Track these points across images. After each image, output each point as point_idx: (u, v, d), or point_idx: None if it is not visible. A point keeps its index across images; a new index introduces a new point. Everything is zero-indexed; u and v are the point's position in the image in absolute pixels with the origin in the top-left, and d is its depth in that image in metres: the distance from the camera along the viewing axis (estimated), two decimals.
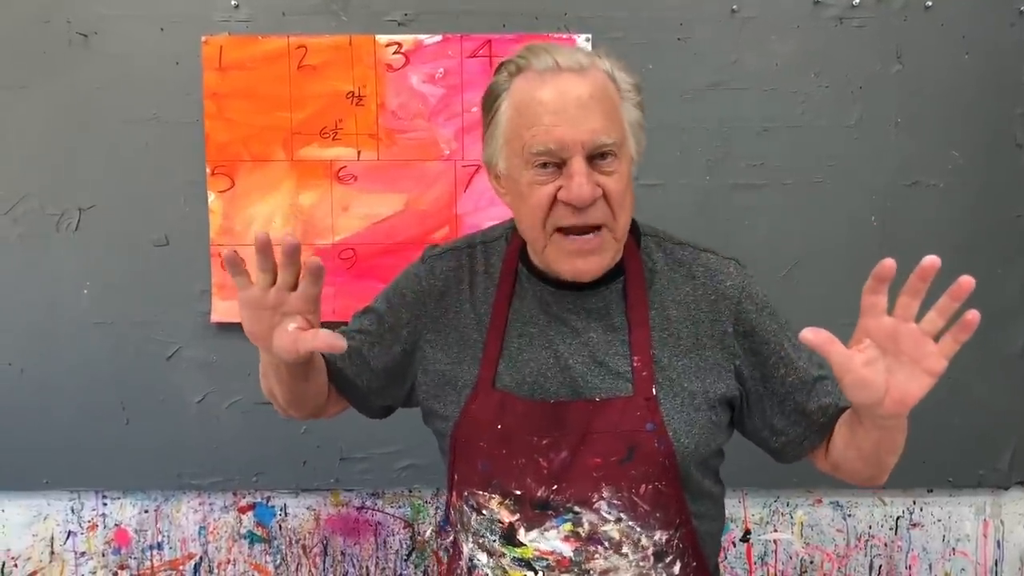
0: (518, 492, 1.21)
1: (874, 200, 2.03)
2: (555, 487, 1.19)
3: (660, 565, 1.21)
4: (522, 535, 1.21)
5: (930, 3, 1.99)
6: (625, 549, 1.19)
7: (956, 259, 2.00)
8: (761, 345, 1.25)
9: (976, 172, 2.03)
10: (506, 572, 1.22)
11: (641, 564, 1.20)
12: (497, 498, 1.22)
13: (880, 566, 2.14)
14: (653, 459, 1.18)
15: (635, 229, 1.28)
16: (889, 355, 1.04)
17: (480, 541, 1.24)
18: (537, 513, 1.20)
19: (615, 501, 1.19)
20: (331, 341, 1.09)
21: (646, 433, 1.18)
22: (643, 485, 1.19)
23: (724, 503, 1.34)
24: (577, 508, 1.19)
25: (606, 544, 1.19)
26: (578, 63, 1.16)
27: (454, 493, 1.28)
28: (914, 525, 2.14)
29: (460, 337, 1.29)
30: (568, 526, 1.19)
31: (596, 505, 1.19)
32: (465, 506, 1.26)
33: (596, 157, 1.14)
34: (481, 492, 1.23)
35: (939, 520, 2.14)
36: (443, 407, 1.28)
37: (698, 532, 1.24)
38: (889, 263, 1.01)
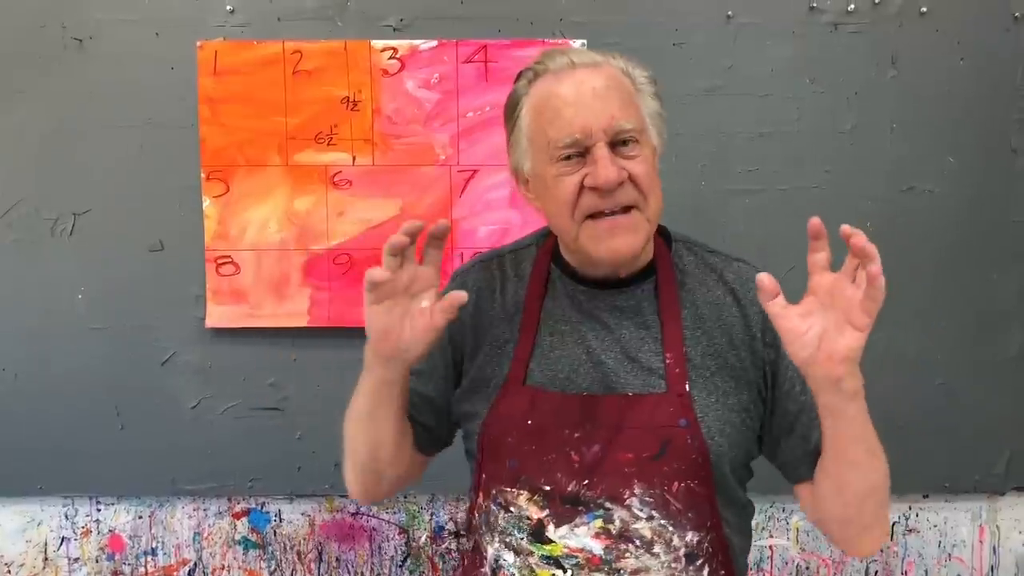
0: (547, 488, 1.20)
1: (870, 205, 2.03)
2: (586, 482, 1.18)
3: (691, 568, 1.20)
4: (551, 532, 1.19)
5: (925, 9, 2.00)
6: (657, 549, 1.18)
7: (952, 264, 2.02)
8: (781, 359, 1.24)
9: (971, 177, 2.03)
10: (534, 571, 1.20)
11: (673, 566, 1.19)
12: (526, 494, 1.21)
13: (876, 572, 2.14)
14: (686, 456, 1.18)
15: (666, 234, 1.31)
16: (828, 311, 1.08)
17: (507, 540, 1.23)
18: (567, 508, 1.19)
19: (647, 498, 1.18)
20: (455, 299, 1.14)
21: (679, 429, 1.18)
22: (675, 483, 1.18)
23: (751, 526, 1.34)
24: (608, 504, 1.18)
25: (637, 543, 1.18)
26: (592, 60, 1.21)
27: (481, 494, 1.27)
28: (910, 531, 2.14)
29: (492, 340, 1.29)
30: (599, 523, 1.19)
31: (628, 502, 1.18)
32: (492, 504, 1.25)
33: (618, 144, 1.17)
34: (509, 489, 1.22)
35: (935, 526, 2.14)
36: (472, 406, 1.28)
37: (729, 541, 1.23)
38: (815, 222, 1.07)
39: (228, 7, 1.99)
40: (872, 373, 2.10)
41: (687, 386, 1.21)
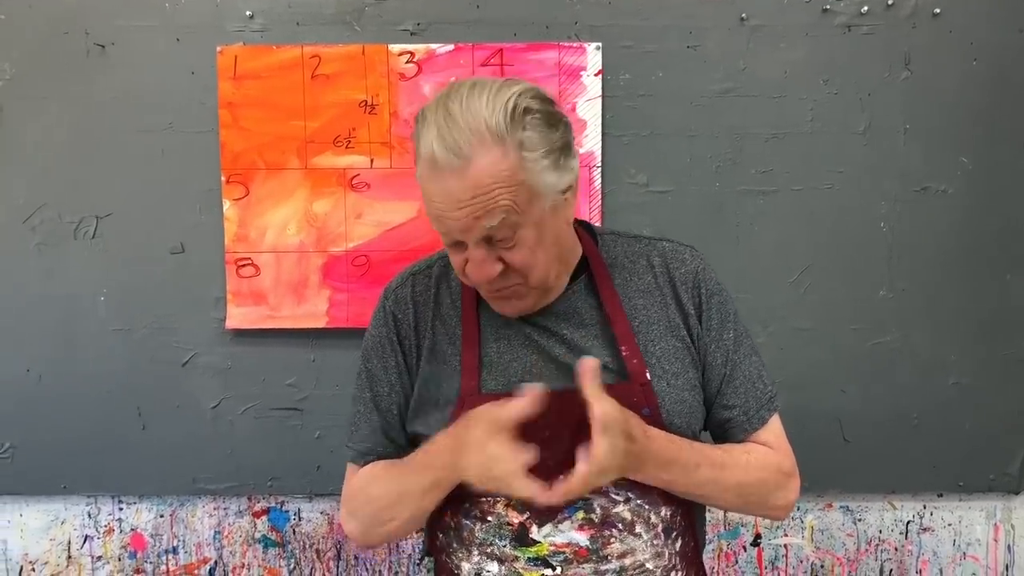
0: None
1: (883, 206, 2.04)
2: (561, 477, 1.19)
3: (668, 541, 1.24)
4: (535, 533, 1.22)
5: (938, 10, 2.00)
6: (639, 528, 1.22)
7: (965, 264, 2.03)
8: (706, 332, 1.30)
9: (985, 177, 2.04)
10: (521, 575, 1.22)
11: (655, 543, 1.23)
12: (503, 500, 1.23)
13: (891, 570, 2.15)
14: None
15: (591, 231, 1.34)
16: None
17: (488, 550, 1.24)
18: (548, 507, 1.20)
19: (620, 481, 1.21)
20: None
21: (643, 417, 1.21)
22: None
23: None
24: (586, 495, 1.21)
25: (620, 526, 1.21)
26: (456, 158, 1.09)
27: (448, 512, 1.28)
28: (924, 530, 2.15)
29: (435, 355, 1.30)
30: (581, 514, 1.21)
31: (604, 488, 1.21)
32: (465, 520, 1.26)
33: (493, 237, 1.16)
34: (484, 499, 1.24)
35: (949, 524, 2.15)
36: (428, 427, 1.28)
37: (695, 514, 1.30)
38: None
39: (248, 12, 2.01)
40: (886, 373, 2.12)
41: (647, 375, 1.24)
